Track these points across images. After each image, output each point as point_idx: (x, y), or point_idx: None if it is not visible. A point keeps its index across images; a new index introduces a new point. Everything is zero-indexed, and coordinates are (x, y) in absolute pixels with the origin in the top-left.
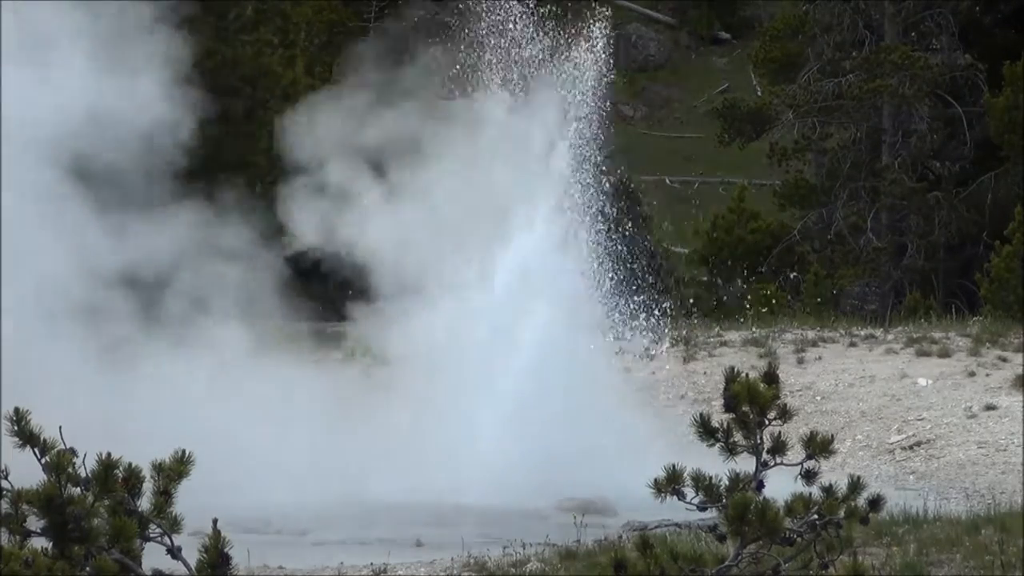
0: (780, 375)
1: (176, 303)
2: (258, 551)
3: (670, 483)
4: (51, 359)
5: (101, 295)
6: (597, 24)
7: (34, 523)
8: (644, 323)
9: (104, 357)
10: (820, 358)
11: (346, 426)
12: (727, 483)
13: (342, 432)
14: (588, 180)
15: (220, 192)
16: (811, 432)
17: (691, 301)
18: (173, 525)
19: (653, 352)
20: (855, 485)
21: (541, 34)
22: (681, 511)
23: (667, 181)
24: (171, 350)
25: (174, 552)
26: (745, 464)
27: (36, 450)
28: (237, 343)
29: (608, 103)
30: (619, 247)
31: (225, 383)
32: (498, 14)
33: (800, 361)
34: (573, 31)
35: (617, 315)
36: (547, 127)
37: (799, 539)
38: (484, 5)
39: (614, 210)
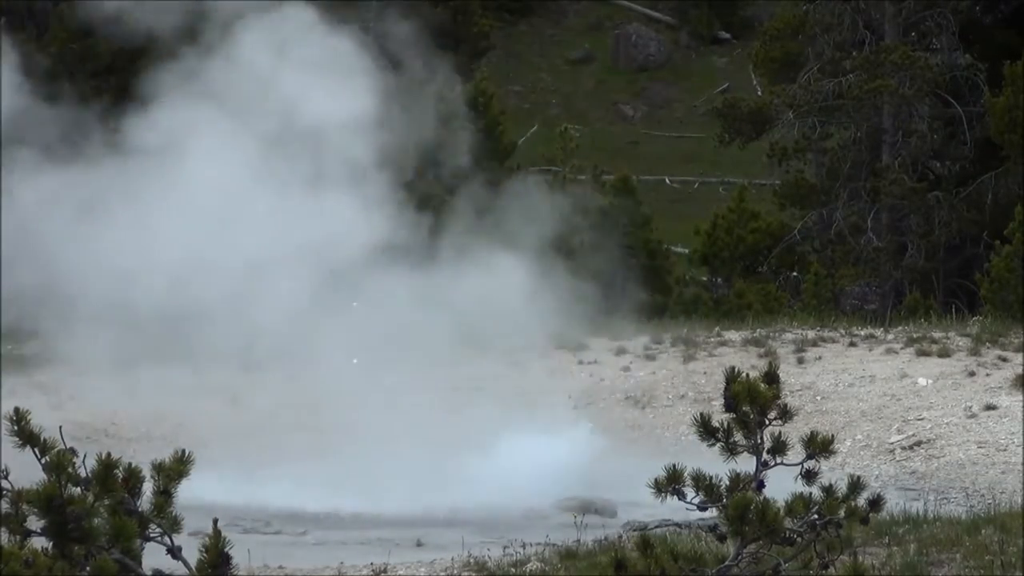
0: (780, 375)
1: None
2: (258, 551)
3: (670, 483)
4: None
5: None
6: None
7: (34, 523)
8: None
9: None
10: (820, 358)
11: None
12: (727, 483)
13: None
14: None
15: None
16: (811, 432)
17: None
18: (173, 525)
19: None
20: (855, 485)
21: None
22: (681, 511)
23: (667, 181)
24: None
25: (174, 552)
26: (745, 464)
27: (36, 450)
28: None
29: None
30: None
31: None
32: None
33: (800, 361)
34: None
35: None
36: None
37: (799, 539)
38: None
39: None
